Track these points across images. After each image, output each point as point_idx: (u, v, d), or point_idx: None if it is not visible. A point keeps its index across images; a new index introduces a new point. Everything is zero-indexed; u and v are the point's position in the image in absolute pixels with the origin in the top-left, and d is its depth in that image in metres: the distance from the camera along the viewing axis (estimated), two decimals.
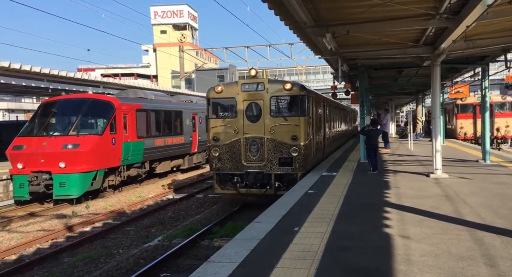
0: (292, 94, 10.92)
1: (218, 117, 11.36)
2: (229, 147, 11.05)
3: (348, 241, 5.30)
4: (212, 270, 4.39)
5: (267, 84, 10.95)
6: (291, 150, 10.70)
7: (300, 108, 10.96)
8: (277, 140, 10.76)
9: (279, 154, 10.76)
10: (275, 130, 10.79)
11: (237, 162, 11.00)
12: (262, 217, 6.68)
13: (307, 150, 11.06)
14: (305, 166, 11.04)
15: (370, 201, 7.83)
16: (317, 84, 47.89)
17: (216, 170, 11.27)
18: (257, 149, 10.88)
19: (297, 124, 10.78)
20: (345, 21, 8.71)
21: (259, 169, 10.87)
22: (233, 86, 11.31)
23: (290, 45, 27.99)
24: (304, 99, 11.04)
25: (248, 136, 10.95)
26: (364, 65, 14.21)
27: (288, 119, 10.83)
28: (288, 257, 4.74)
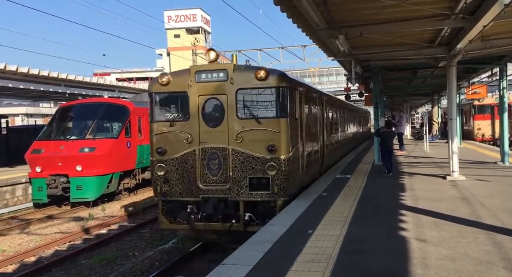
0: (268, 86, 7.64)
1: (164, 119, 8.10)
2: (180, 162, 7.84)
3: (363, 244, 5.25)
4: (226, 272, 4.40)
5: (232, 72, 7.69)
6: (267, 167, 7.51)
7: (280, 106, 7.69)
8: (247, 153, 7.57)
9: (250, 173, 7.58)
10: (245, 137, 7.59)
11: (191, 184, 7.81)
12: (275, 220, 6.68)
13: (292, 165, 7.84)
14: (288, 189, 7.73)
15: (385, 203, 7.74)
16: (331, 86, 47.63)
17: (161, 196, 8.00)
18: (219, 165, 7.71)
19: (276, 129, 7.56)
20: (358, 22, 8.67)
21: (221, 194, 7.71)
22: (184, 76, 7.96)
23: (303, 47, 27.92)
24: (286, 93, 7.80)
25: (206, 147, 7.76)
26: (378, 66, 14.09)
27: (262, 122, 7.58)
28: (302, 260, 4.72)
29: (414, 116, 50.66)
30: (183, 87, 7.92)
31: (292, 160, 7.86)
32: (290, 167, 7.73)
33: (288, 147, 7.72)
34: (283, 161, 7.59)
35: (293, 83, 8.34)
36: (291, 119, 7.96)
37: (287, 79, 8.03)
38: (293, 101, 8.19)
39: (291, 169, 7.76)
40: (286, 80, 7.93)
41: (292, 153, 7.86)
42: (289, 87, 7.90)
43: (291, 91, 8.01)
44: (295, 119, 8.31)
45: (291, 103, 8.02)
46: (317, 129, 10.85)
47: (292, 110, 8.06)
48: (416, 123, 46.35)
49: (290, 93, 7.97)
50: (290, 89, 7.92)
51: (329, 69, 49.97)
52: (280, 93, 7.70)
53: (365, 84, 16.40)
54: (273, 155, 7.55)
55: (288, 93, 7.84)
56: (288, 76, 8.26)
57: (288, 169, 7.65)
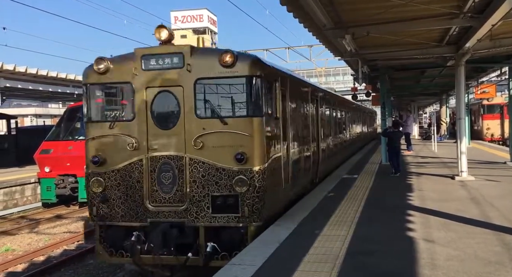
0: (236, 75, 5.96)
1: (101, 119, 6.46)
2: (122, 176, 6.15)
3: (370, 245, 5.22)
4: (233, 272, 4.41)
5: (189, 57, 6.00)
6: (235, 182, 5.83)
7: (252, 101, 6.01)
8: (209, 163, 5.91)
9: (213, 189, 5.91)
10: (206, 143, 5.93)
11: (137, 204, 6.11)
12: (282, 220, 6.67)
13: (269, 179, 6.14)
14: (264, 210, 5.97)
15: (393, 204, 7.69)
16: (337, 86, 47.46)
17: (98, 220, 6.28)
18: (173, 179, 6.02)
19: (247, 132, 5.88)
20: (365, 22, 8.64)
21: (176, 217, 6.00)
22: (128, 61, 6.23)
23: (309, 47, 27.88)
24: (261, 85, 6.07)
25: (156, 156, 6.07)
26: (385, 66, 14.02)
27: (230, 123, 5.94)
28: (309, 260, 4.71)
29: (422, 116, 50.32)
30: (126, 77, 6.19)
31: (269, 172, 6.09)
32: (267, 181, 5.94)
33: (263, 155, 5.97)
34: (257, 174, 5.81)
35: (271, 72, 6.62)
36: (269, 118, 6.27)
37: (263, 66, 6.27)
38: (272, 95, 6.52)
39: (267, 184, 5.97)
40: (261, 67, 6.17)
41: (269, 163, 6.11)
42: (265, 77, 6.14)
43: (268, 82, 6.33)
44: (275, 118, 6.59)
45: (269, 98, 6.35)
46: (310, 131, 9.23)
47: (270, 107, 6.37)
48: (424, 123, 46.03)
49: (268, 85, 6.28)
50: (267, 80, 6.21)
51: (336, 69, 49.83)
52: (253, 84, 5.96)
53: (372, 84, 16.31)
54: (243, 166, 5.79)
55: (264, 84, 6.09)
56: (264, 62, 6.51)
57: (263, 184, 5.86)
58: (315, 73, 42.79)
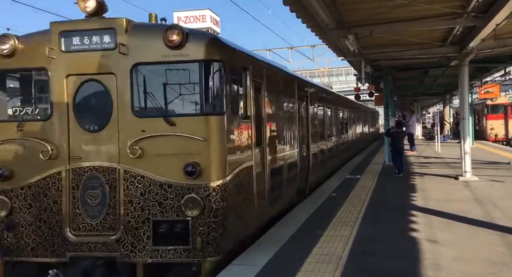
0: (187, 59, 4.59)
1: (6, 118, 5.02)
2: (34, 194, 4.76)
3: (373, 245, 5.21)
4: (236, 273, 4.41)
5: (124, 35, 4.65)
6: (184, 202, 4.51)
7: (209, 94, 4.69)
8: (150, 177, 4.58)
9: (155, 212, 4.57)
10: (147, 150, 4.60)
11: (52, 232, 4.71)
12: (285, 220, 6.66)
13: (234, 198, 4.80)
14: (224, 240, 4.65)
15: (396, 204, 7.67)
16: (340, 86, 47.41)
17: (2, 254, 4.86)
18: (102, 198, 4.64)
19: (201, 135, 4.54)
20: (368, 22, 8.61)
21: (105, 250, 4.62)
22: (42, 41, 4.78)
23: (312, 47, 27.85)
24: (222, 73, 4.71)
25: (80, 167, 4.70)
26: (388, 66, 13.98)
27: (178, 123, 4.59)
28: (311, 260, 4.71)
29: (425, 116, 50.17)
30: (40, 61, 4.69)
31: (233, 188, 4.71)
32: (229, 200, 4.58)
33: (224, 165, 4.57)
34: (214, 191, 4.43)
35: (239, 57, 5.17)
36: (234, 117, 4.87)
37: (225, 49, 4.86)
38: (240, 87, 5.13)
39: (230, 204, 4.61)
40: (221, 49, 4.75)
41: (233, 176, 4.71)
42: (229, 63, 4.72)
43: (234, 70, 4.91)
44: (244, 118, 5.19)
45: (235, 90, 4.97)
46: (297, 133, 7.86)
47: (235, 102, 4.99)
48: (427, 123, 45.89)
49: (233, 74, 4.86)
50: (232, 67, 4.80)
51: (339, 69, 49.75)
52: (211, 71, 4.56)
53: (375, 84, 16.28)
54: (195, 182, 4.41)
55: (227, 72, 4.67)
56: (227, 43, 5.04)
57: (224, 205, 4.50)
58: (318, 73, 42.75)
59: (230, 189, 4.67)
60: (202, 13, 76.09)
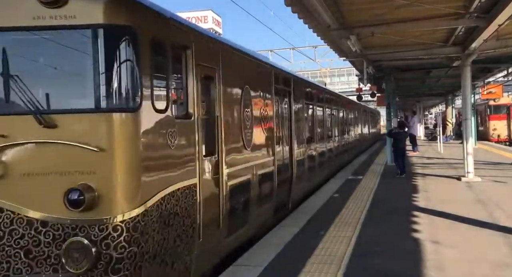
0: (72, 24, 3.00)
1: None
2: None
3: (375, 246, 5.20)
4: (239, 273, 4.40)
5: None
6: (64, 251, 2.94)
7: (112, 78, 3.08)
8: (11, 210, 3.02)
9: (18, 268, 3.00)
10: (8, 166, 3.05)
11: None
12: (287, 220, 6.66)
13: (155, 238, 3.25)
14: None
15: (398, 205, 7.65)
16: (342, 87, 47.35)
17: None
18: None
19: (96, 143, 3.01)
20: (370, 22, 8.61)
21: None
22: None
23: (314, 47, 27.86)
24: (137, 48, 3.13)
25: None
26: (390, 66, 13.97)
27: (60, 124, 3.03)
28: (314, 261, 4.70)
29: (428, 116, 50.05)
30: None
31: (153, 222, 3.25)
32: (146, 244, 3.17)
33: (134, 190, 3.14)
34: (116, 232, 3.00)
35: (168, 27, 3.62)
36: (157, 115, 3.36)
37: (140, 10, 3.37)
38: (171, 72, 3.61)
39: (146, 250, 3.18)
40: (133, 10, 3.29)
41: (153, 205, 3.26)
42: (147, 32, 3.29)
43: (159, 44, 3.44)
44: (183, 117, 3.76)
45: (159, 75, 3.46)
46: (275, 137, 6.34)
47: (161, 94, 3.48)
48: (430, 124, 45.79)
49: (155, 49, 3.37)
50: (154, 39, 3.36)
51: (341, 69, 49.72)
52: (114, 43, 3.12)
53: (377, 85, 16.25)
54: (84, 216, 3.00)
55: (143, 46, 3.22)
56: (149, 5, 3.50)
57: (134, 252, 3.07)
58: (319, 73, 42.75)
59: (148, 225, 3.15)
60: (204, 14, 76.23)
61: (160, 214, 3.33)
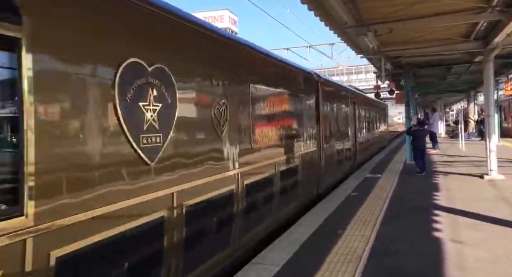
0: None
1: None
2: None
3: (395, 245, 5.12)
4: (255, 272, 4.41)
5: None
6: None
7: None
8: None
9: None
10: None
11: None
12: (303, 219, 6.63)
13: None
14: None
15: (418, 204, 7.52)
16: (360, 84, 46.84)
17: None
18: None
19: None
20: (388, 19, 8.47)
21: None
22: None
23: (331, 45, 27.66)
24: None
25: None
26: (409, 63, 13.71)
27: None
28: (331, 260, 4.67)
29: (449, 113, 48.95)
30: None
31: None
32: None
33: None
34: None
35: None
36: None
37: None
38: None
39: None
40: None
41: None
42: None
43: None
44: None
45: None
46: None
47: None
48: (451, 121, 44.79)
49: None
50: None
51: (358, 67, 49.18)
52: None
53: (395, 82, 15.98)
54: None
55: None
56: None
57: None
58: (337, 71, 42.36)
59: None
60: (220, 14, 76.45)
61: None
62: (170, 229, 3.45)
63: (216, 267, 4.28)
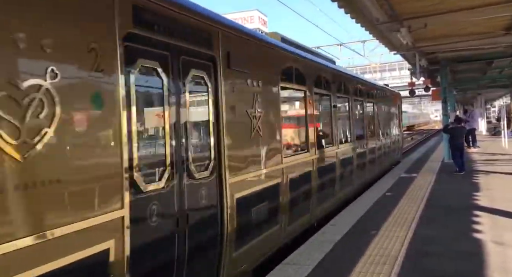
0: None
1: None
2: None
3: (432, 247, 4.97)
4: (287, 272, 4.43)
5: None
6: None
7: None
8: None
9: None
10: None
11: None
12: (336, 219, 6.56)
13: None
14: None
15: (457, 204, 7.24)
16: (393, 81, 45.59)
17: None
18: None
19: None
20: (422, 13, 8.23)
21: None
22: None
23: (363, 42, 27.12)
24: None
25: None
26: (445, 58, 13.24)
27: None
28: (365, 261, 4.60)
29: (490, 109, 46.71)
30: None
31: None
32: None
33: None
34: None
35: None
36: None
37: None
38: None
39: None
40: None
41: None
42: None
43: None
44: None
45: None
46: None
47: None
48: (492, 118, 42.71)
49: None
50: None
51: (392, 64, 47.88)
52: None
53: (431, 78, 15.45)
54: None
55: None
56: None
57: None
58: (369, 69, 41.50)
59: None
60: (250, 15, 77.00)
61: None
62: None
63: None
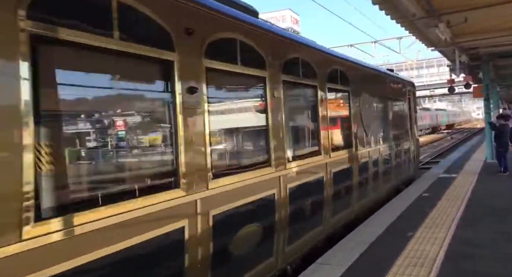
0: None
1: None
2: None
3: (473, 249, 4.79)
4: (321, 272, 4.41)
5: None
6: None
7: None
8: None
9: None
10: None
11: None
12: (371, 220, 6.45)
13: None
14: None
15: (500, 205, 6.92)
16: (431, 79, 43.96)
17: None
18: None
19: None
20: (461, 7, 7.91)
21: None
22: None
23: (398, 39, 26.37)
24: None
25: None
26: (487, 53, 12.63)
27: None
28: (401, 263, 4.50)
29: None
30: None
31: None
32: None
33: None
34: None
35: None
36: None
37: None
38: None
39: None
40: None
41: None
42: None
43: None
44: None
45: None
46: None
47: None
48: None
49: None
50: None
51: (429, 60, 46.24)
52: None
53: (472, 74, 14.78)
54: None
55: None
56: None
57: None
58: (405, 66, 40.32)
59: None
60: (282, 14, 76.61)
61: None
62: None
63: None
